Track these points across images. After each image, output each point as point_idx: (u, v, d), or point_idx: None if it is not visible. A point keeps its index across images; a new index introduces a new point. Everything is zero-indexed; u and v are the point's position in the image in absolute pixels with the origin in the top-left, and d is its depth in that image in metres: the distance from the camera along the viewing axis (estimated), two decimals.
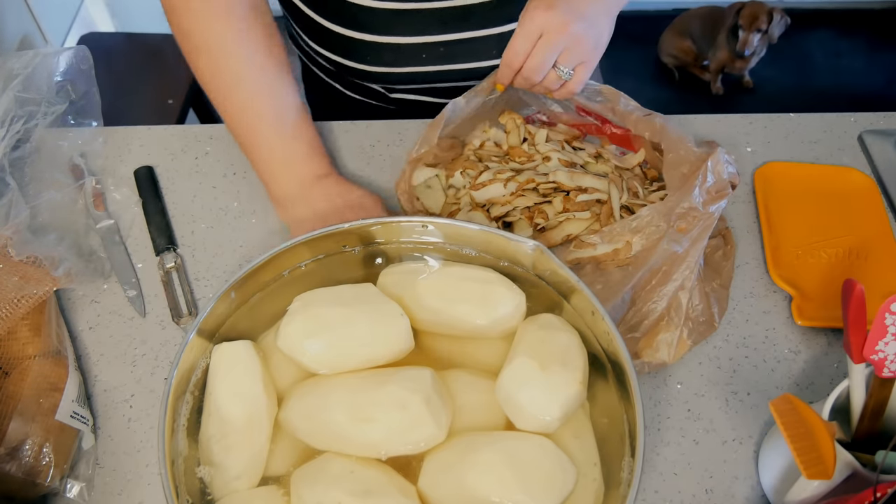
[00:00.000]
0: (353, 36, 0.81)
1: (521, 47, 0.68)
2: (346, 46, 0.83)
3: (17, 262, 0.64)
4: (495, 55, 0.83)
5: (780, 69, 2.50)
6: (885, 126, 0.89)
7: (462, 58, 0.84)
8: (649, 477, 0.64)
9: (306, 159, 0.74)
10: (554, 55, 0.68)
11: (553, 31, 0.66)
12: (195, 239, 0.78)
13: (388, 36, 0.81)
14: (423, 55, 0.83)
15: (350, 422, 0.53)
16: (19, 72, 0.75)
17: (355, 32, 0.81)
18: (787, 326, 0.72)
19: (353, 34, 0.81)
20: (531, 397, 0.54)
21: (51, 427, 0.59)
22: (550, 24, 0.66)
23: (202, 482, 0.54)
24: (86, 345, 0.70)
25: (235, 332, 0.61)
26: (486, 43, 0.83)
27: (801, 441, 0.50)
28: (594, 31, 0.68)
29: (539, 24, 0.66)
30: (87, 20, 1.91)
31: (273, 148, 0.72)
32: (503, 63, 0.71)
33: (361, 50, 0.83)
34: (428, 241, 0.65)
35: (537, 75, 0.69)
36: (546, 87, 0.71)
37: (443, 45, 0.82)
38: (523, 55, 0.68)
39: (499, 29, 0.82)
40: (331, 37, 0.83)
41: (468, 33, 0.81)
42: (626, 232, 0.70)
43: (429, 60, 0.84)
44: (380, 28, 0.80)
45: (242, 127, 0.73)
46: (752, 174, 0.84)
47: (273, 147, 0.72)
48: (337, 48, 0.84)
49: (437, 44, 0.82)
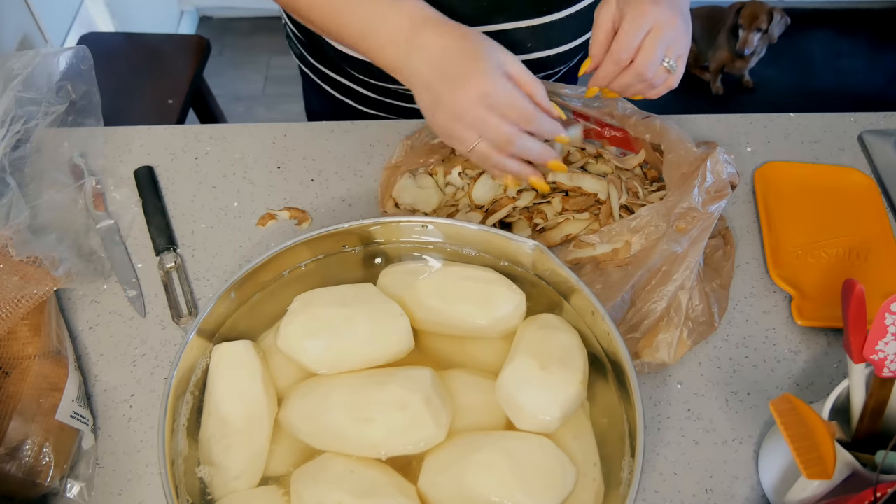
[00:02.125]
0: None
1: (632, 42, 0.67)
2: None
3: (17, 262, 0.64)
4: (530, 48, 0.82)
5: (780, 69, 2.50)
6: (885, 126, 0.89)
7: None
8: (649, 477, 0.64)
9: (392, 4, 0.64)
10: (664, 49, 0.67)
11: (663, 26, 0.66)
12: (195, 239, 0.78)
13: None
14: None
15: (350, 422, 0.53)
16: (19, 72, 0.75)
17: None
18: (787, 326, 0.72)
19: None
20: (531, 397, 0.54)
21: (51, 427, 0.59)
22: (660, 19, 0.66)
23: (202, 482, 0.54)
24: (86, 345, 0.70)
25: (235, 332, 0.61)
26: (523, 36, 0.81)
27: (801, 441, 0.50)
28: (689, 25, 0.69)
29: (650, 19, 0.66)
30: (87, 20, 1.91)
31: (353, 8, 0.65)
32: (611, 60, 0.69)
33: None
34: (428, 241, 0.65)
35: (650, 70, 0.68)
36: (652, 81, 0.70)
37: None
38: (633, 50, 0.67)
39: (535, 21, 0.80)
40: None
41: (503, 25, 0.80)
42: (626, 232, 0.70)
43: None
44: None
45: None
46: (752, 174, 0.84)
47: (354, 8, 0.65)
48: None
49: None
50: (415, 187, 0.78)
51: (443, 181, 0.78)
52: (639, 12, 0.66)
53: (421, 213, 0.76)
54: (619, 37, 0.67)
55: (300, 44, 0.95)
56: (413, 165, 0.78)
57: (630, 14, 0.66)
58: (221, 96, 1.79)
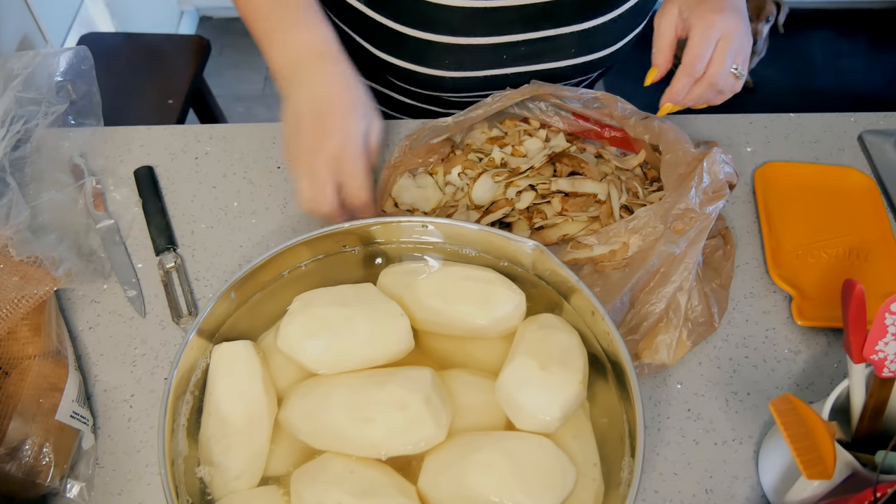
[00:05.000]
0: (431, 39, 0.78)
1: (705, 53, 0.67)
2: (423, 51, 0.80)
3: (17, 262, 0.64)
4: (574, 53, 0.82)
5: (780, 69, 2.50)
6: (885, 126, 0.89)
7: (543, 58, 0.82)
8: (649, 477, 0.64)
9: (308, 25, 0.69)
10: (733, 57, 0.68)
11: (731, 34, 0.66)
12: (195, 239, 0.78)
13: (467, 37, 0.78)
14: (504, 56, 0.80)
15: (350, 422, 0.53)
16: (19, 72, 0.75)
17: (434, 35, 0.78)
18: (787, 326, 0.72)
19: (432, 37, 0.78)
20: (531, 397, 0.54)
21: (51, 427, 0.59)
22: (728, 27, 0.66)
23: (202, 482, 0.54)
24: (86, 345, 0.70)
25: (235, 332, 0.61)
26: (567, 41, 0.81)
27: (801, 441, 0.50)
28: (749, 26, 0.69)
29: (720, 29, 0.66)
30: (87, 20, 1.91)
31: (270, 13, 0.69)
32: (684, 74, 0.69)
33: (439, 54, 0.80)
34: (428, 241, 0.65)
35: (722, 78, 0.68)
36: (721, 89, 0.70)
37: (523, 45, 0.80)
38: (706, 61, 0.67)
39: (580, 26, 0.80)
40: (405, 42, 0.79)
41: (549, 31, 0.79)
42: (623, 233, 0.70)
43: (508, 62, 0.81)
44: (459, 29, 0.77)
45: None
46: (752, 174, 0.83)
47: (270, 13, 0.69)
48: (410, 53, 0.81)
49: (517, 43, 0.79)
50: (414, 187, 0.78)
51: (442, 181, 0.78)
52: (708, 23, 0.66)
53: (420, 213, 0.76)
54: (690, 49, 0.67)
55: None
56: (412, 165, 0.78)
57: (699, 25, 0.66)
58: (221, 96, 1.79)
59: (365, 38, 0.83)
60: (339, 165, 0.65)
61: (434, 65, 0.81)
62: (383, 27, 0.79)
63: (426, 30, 0.77)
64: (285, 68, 0.69)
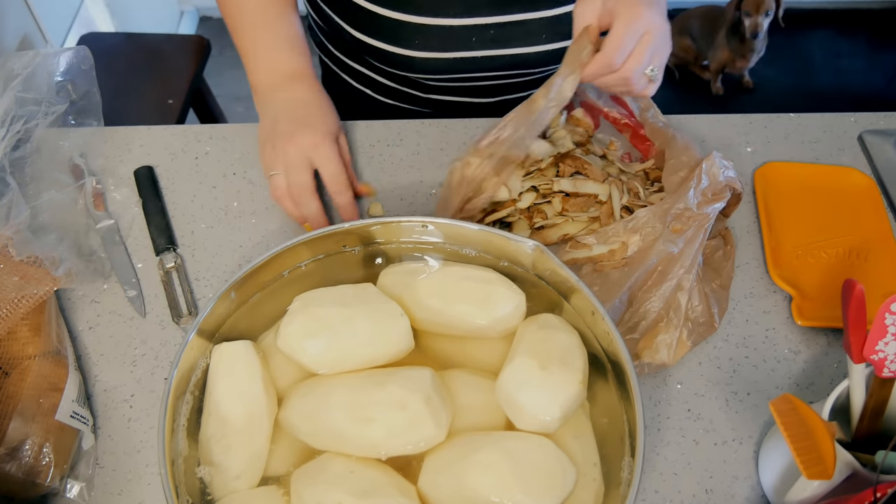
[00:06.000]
0: (401, 19, 0.80)
1: (628, 44, 0.62)
2: (393, 31, 0.82)
3: (17, 262, 0.64)
4: (545, 39, 0.82)
5: (780, 69, 2.50)
6: (885, 126, 0.89)
7: (512, 42, 0.82)
8: (649, 477, 0.64)
9: (291, 55, 0.78)
10: (651, 56, 0.64)
11: (654, 31, 0.63)
12: (195, 239, 0.78)
13: (436, 17, 0.80)
14: (473, 38, 0.81)
15: (350, 422, 0.53)
16: (19, 72, 0.75)
17: (403, 15, 0.80)
18: (787, 326, 0.72)
19: (402, 17, 0.80)
20: (531, 397, 0.54)
21: (51, 427, 0.59)
22: (654, 24, 0.62)
23: (202, 482, 0.54)
24: (86, 345, 0.70)
25: (235, 332, 0.61)
26: (537, 26, 0.81)
27: (801, 441, 0.50)
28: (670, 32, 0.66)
29: (646, 23, 0.62)
30: (87, 20, 1.91)
31: (255, 31, 0.78)
32: (601, 63, 0.64)
33: (409, 34, 0.81)
34: (428, 241, 0.65)
35: (636, 75, 0.64)
36: (633, 87, 0.66)
37: (493, 28, 0.81)
38: (627, 53, 0.63)
39: (551, 12, 0.80)
40: (377, 21, 0.81)
41: (519, 15, 0.80)
42: (622, 233, 0.70)
43: (478, 45, 0.82)
44: (430, 9, 0.79)
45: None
46: (752, 174, 0.84)
47: (255, 31, 0.78)
48: (382, 33, 0.83)
49: (487, 26, 0.81)
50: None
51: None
52: (634, 15, 0.62)
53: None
54: (613, 39, 0.63)
55: (321, 31, 0.96)
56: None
57: (624, 16, 0.62)
58: (221, 96, 1.79)
59: (342, 18, 0.86)
60: (313, 151, 0.72)
61: (405, 45, 0.83)
62: (358, 6, 0.82)
63: (395, 9, 0.80)
64: (263, 84, 0.78)
